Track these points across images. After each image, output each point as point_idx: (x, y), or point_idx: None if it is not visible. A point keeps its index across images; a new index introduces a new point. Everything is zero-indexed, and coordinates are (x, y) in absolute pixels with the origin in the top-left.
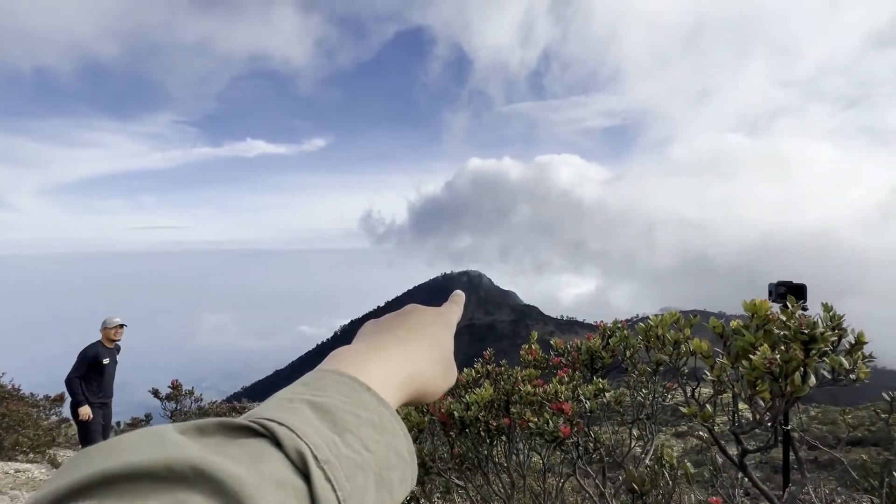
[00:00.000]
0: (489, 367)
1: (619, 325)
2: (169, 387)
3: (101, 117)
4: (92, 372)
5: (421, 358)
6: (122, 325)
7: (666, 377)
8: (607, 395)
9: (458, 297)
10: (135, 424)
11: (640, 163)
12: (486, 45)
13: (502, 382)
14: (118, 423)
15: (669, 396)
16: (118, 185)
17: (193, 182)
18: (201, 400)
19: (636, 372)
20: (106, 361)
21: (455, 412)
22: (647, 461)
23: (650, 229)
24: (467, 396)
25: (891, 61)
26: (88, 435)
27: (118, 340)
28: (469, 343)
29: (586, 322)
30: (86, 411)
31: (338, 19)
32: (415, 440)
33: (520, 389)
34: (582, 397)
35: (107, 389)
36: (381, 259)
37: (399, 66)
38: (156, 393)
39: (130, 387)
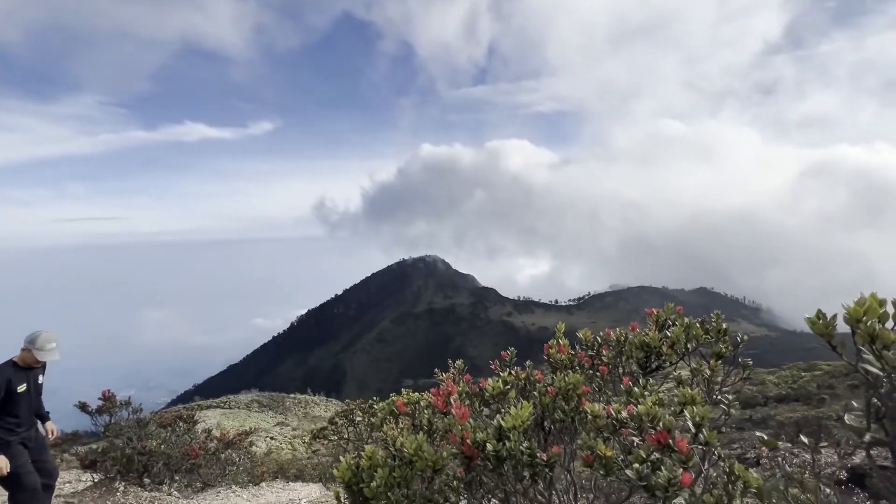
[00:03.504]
0: (515, 372)
1: (677, 311)
2: (100, 398)
3: (12, 97)
4: (5, 404)
5: None
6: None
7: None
8: (696, 409)
9: None
10: (59, 444)
11: (586, 147)
12: (432, 36)
13: (537, 394)
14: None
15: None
16: (39, 173)
17: (127, 169)
18: (140, 411)
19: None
20: (21, 389)
21: (488, 444)
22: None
23: (596, 211)
24: (502, 420)
25: (785, 63)
26: (19, 481)
27: (38, 367)
28: (429, 327)
29: (542, 302)
30: (2, 463)
31: (276, 5)
32: (429, 481)
33: (580, 407)
34: (689, 422)
35: (26, 421)
36: (337, 247)
37: (346, 52)
38: (83, 407)
39: (66, 392)
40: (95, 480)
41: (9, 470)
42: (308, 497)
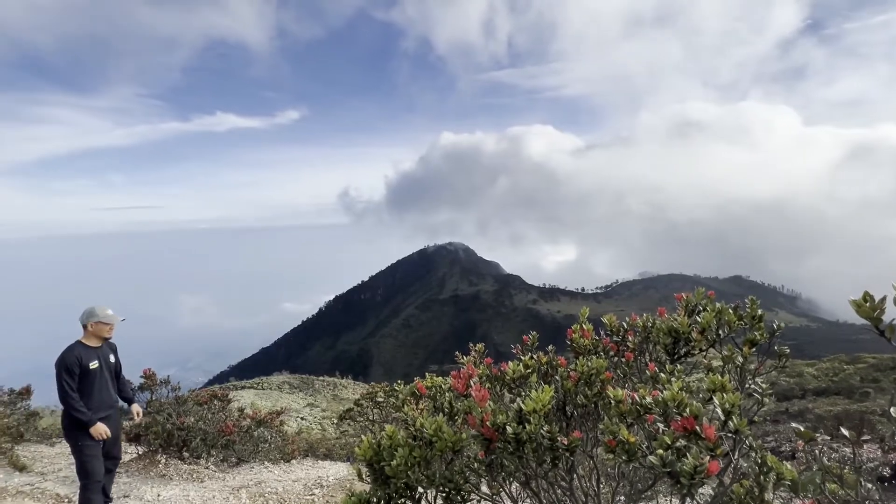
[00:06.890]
0: (538, 357)
1: (708, 296)
2: (141, 376)
3: (54, 91)
4: (79, 383)
5: None
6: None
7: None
8: (726, 396)
9: None
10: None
11: (612, 131)
12: (452, 29)
13: (559, 379)
14: None
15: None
16: (81, 164)
17: (162, 159)
18: (178, 389)
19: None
20: (93, 366)
21: (508, 427)
22: (742, 462)
23: (623, 197)
24: (523, 403)
25: (816, 44)
26: (86, 465)
27: (109, 338)
28: (454, 314)
29: (568, 289)
30: (99, 429)
31: (294, 3)
32: (449, 462)
33: (603, 393)
34: (718, 409)
35: (104, 400)
36: (362, 235)
37: (366, 46)
38: None
39: None
40: (140, 453)
41: (109, 435)
42: (336, 475)
